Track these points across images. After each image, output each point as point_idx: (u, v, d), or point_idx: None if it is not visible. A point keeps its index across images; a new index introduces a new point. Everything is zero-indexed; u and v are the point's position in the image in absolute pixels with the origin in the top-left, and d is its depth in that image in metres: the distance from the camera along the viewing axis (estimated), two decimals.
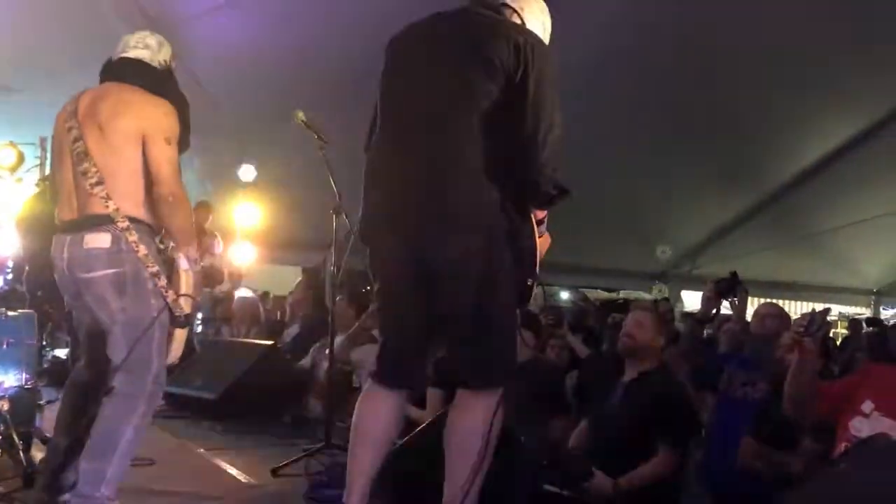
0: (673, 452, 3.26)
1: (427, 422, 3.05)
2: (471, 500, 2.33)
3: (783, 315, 4.33)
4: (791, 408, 3.04)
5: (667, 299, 7.98)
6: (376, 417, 2.45)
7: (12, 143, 7.36)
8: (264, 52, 6.22)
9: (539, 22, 2.55)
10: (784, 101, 6.84)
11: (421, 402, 4.00)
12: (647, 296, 10.48)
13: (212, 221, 7.47)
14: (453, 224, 2.29)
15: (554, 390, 4.20)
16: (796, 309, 10.88)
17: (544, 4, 2.59)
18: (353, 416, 2.49)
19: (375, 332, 5.11)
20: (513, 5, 2.50)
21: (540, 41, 2.41)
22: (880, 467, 1.91)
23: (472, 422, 2.35)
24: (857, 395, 2.92)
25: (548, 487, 3.07)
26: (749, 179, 8.53)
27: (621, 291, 11.53)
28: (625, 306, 7.18)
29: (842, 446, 2.75)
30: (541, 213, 2.53)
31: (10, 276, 6.08)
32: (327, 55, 6.11)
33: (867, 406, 2.85)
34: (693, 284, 10.21)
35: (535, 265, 2.46)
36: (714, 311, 4.46)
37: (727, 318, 4.97)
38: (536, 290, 2.52)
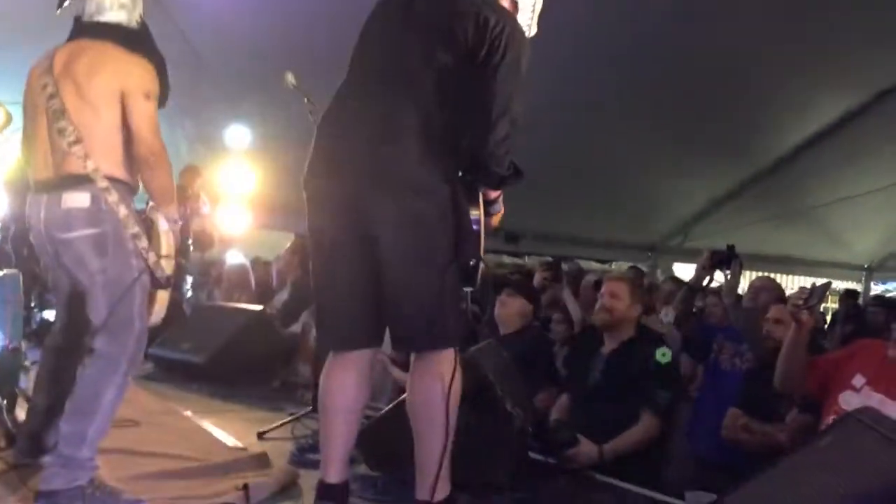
0: (656, 417, 3.28)
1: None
2: (443, 479, 2.32)
3: (778, 289, 4.33)
4: (782, 381, 3.05)
5: (637, 268, 7.95)
6: (339, 388, 2.40)
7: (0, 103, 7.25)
8: (258, 15, 6.11)
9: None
10: (777, 76, 6.78)
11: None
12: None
13: (199, 185, 7.40)
14: (397, 185, 2.26)
15: (542, 360, 4.20)
16: (788, 283, 10.91)
17: None
18: (319, 391, 2.46)
19: None
20: None
21: (515, 25, 2.35)
22: (865, 441, 1.90)
23: (426, 390, 2.33)
24: (847, 369, 2.92)
25: (534, 455, 3.09)
26: (742, 153, 8.48)
27: (614, 263, 11.54)
28: None
29: (829, 419, 2.76)
30: (493, 193, 2.50)
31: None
32: (322, 19, 6.00)
33: (858, 380, 2.86)
34: (685, 256, 10.20)
35: (480, 245, 2.41)
36: (707, 281, 4.46)
37: (715, 290, 4.97)
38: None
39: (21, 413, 3.22)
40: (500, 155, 2.32)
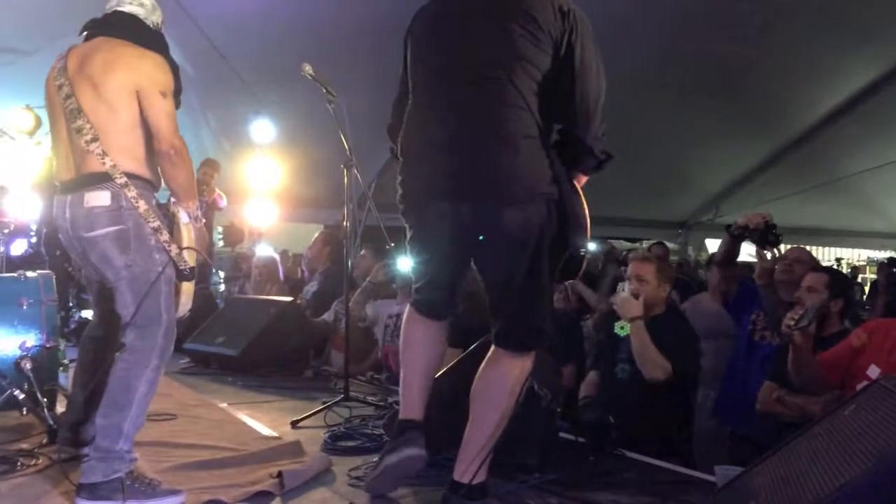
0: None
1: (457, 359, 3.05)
2: (484, 465, 2.38)
3: (813, 261, 4.24)
4: (801, 387, 3.01)
5: (662, 244, 7.84)
6: (420, 330, 2.56)
7: (28, 107, 7.40)
8: (278, 9, 6.14)
9: None
10: (806, 44, 6.65)
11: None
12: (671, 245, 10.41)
13: (217, 179, 7.47)
14: (509, 193, 2.29)
15: (568, 337, 4.19)
16: (824, 255, 10.74)
17: None
18: (401, 337, 2.61)
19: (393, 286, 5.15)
20: None
21: (578, 9, 2.37)
22: (890, 405, 1.88)
23: (502, 376, 2.41)
24: (860, 360, 2.86)
25: (564, 435, 3.09)
26: (772, 125, 8.35)
27: (644, 241, 11.46)
28: None
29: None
30: (583, 179, 2.53)
31: (33, 240, 6.15)
32: (343, 13, 6.01)
33: (873, 371, 2.80)
34: (716, 232, 10.10)
35: (587, 234, 2.44)
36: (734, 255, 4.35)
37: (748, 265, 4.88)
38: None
39: (61, 409, 3.31)
40: (601, 141, 2.40)
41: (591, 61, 2.33)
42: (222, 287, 7.71)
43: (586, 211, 2.44)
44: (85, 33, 2.71)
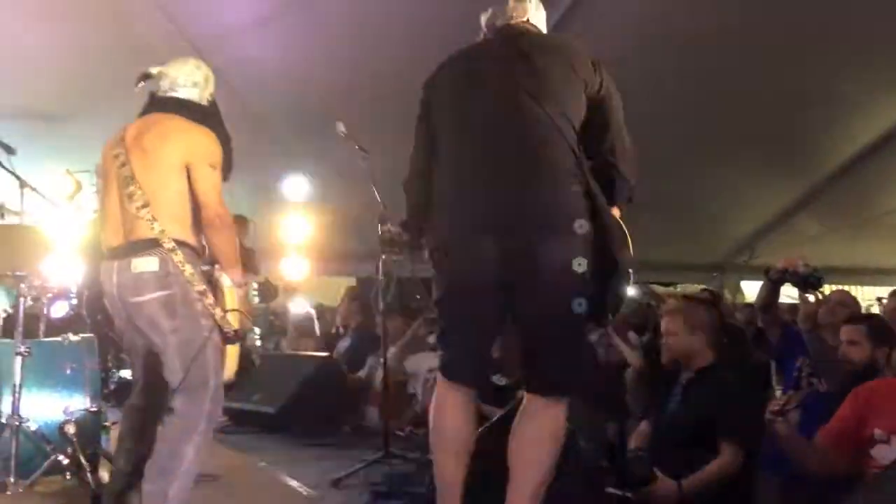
0: (737, 450, 3.14)
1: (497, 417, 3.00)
2: None
3: (855, 304, 4.16)
4: (818, 471, 2.89)
5: (708, 290, 7.71)
6: (450, 419, 2.46)
7: (69, 172, 7.57)
8: (308, 66, 6.27)
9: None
10: (839, 79, 6.61)
11: (493, 400, 3.99)
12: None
13: (248, 235, 7.54)
14: (549, 227, 2.29)
15: (611, 390, 4.13)
16: (863, 294, 10.50)
17: None
18: (430, 420, 2.52)
19: (430, 339, 5.14)
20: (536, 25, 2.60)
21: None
22: None
23: (539, 431, 2.36)
24: (864, 428, 2.75)
25: (610, 490, 3.02)
26: (805, 162, 8.24)
27: (678, 285, 11.30)
28: None
29: (871, 472, 2.62)
30: (617, 211, 2.53)
31: (74, 302, 6.24)
32: (372, 68, 6.12)
33: (880, 434, 2.69)
34: (752, 275, 9.93)
35: (629, 274, 2.43)
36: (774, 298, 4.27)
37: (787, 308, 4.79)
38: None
39: (104, 473, 3.31)
40: (635, 170, 2.47)
41: (618, 97, 2.47)
42: (258, 343, 7.74)
43: (629, 241, 2.44)
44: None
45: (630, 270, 2.43)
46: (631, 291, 6.20)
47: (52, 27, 5.40)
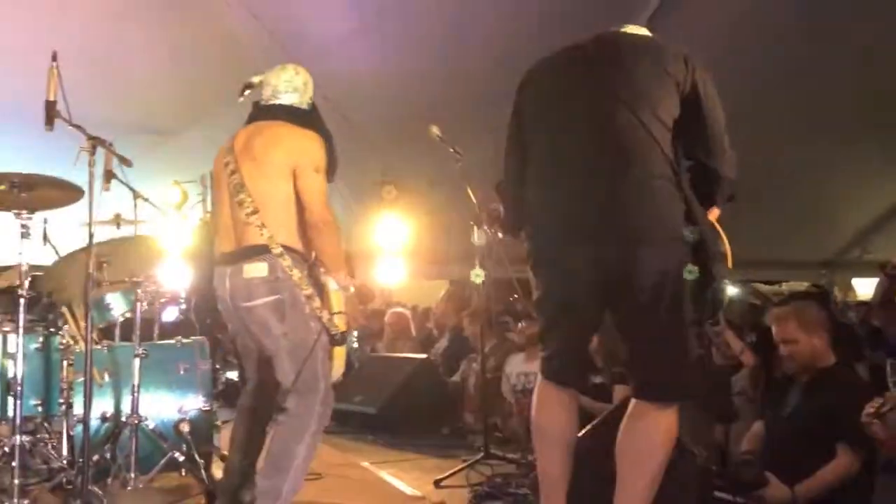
0: (854, 454, 2.98)
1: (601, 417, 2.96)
2: None
3: None
4: None
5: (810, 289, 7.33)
6: (552, 415, 2.47)
7: (177, 182, 7.94)
8: (401, 74, 6.36)
9: None
10: None
11: (596, 394, 4.00)
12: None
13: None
14: (647, 235, 2.26)
15: (719, 393, 3.99)
16: None
17: None
18: (532, 415, 2.53)
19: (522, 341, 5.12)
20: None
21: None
22: None
23: (647, 432, 2.32)
24: None
25: (719, 494, 2.93)
26: None
27: (784, 284, 10.84)
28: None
29: None
30: (716, 213, 2.48)
31: (184, 307, 6.53)
32: (462, 75, 6.17)
33: None
34: (865, 271, 9.43)
35: (726, 273, 2.37)
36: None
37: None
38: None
39: (217, 470, 3.45)
40: (734, 169, 2.41)
41: (714, 94, 2.37)
42: (356, 345, 7.89)
43: (727, 245, 2.38)
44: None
45: (725, 276, 2.36)
46: (733, 291, 5.99)
47: (162, 51, 5.72)
